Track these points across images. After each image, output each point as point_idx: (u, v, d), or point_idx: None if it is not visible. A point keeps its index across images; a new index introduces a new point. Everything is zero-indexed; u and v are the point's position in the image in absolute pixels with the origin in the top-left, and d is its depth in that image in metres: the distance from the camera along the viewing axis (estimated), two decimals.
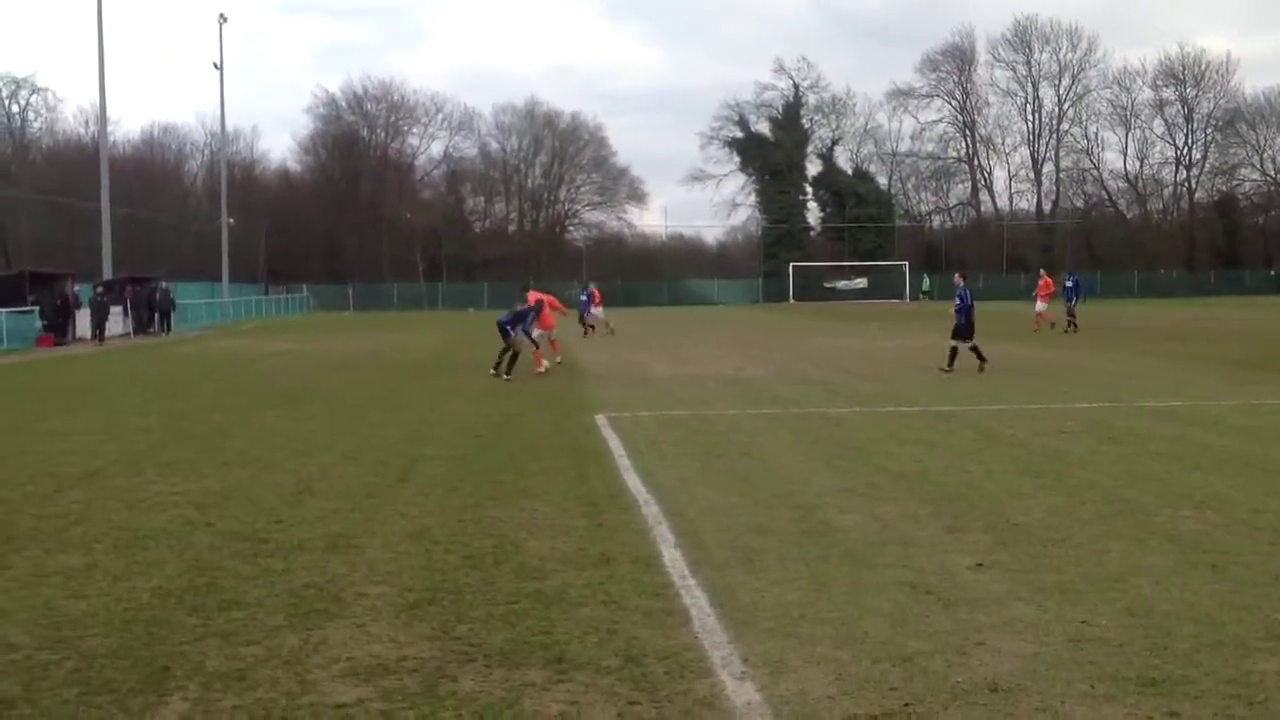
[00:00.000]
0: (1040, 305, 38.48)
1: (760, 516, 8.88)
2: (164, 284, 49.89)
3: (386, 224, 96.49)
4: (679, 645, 5.74)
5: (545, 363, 23.32)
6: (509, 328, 22.50)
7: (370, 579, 7.12)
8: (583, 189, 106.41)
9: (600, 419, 15.31)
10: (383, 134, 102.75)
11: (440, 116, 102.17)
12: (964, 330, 22.14)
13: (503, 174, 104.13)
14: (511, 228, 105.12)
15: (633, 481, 10.51)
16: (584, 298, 40.44)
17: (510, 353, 22.36)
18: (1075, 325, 35.41)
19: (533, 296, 24.08)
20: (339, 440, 13.68)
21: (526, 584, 6.93)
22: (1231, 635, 5.76)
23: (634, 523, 8.72)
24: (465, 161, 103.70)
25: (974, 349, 21.99)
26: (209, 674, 5.46)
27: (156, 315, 46.80)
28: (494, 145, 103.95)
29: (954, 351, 22.08)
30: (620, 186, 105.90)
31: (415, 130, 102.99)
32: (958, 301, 22.33)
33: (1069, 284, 36.93)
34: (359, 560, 7.62)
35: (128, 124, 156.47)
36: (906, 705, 4.95)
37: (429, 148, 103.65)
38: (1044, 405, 16.27)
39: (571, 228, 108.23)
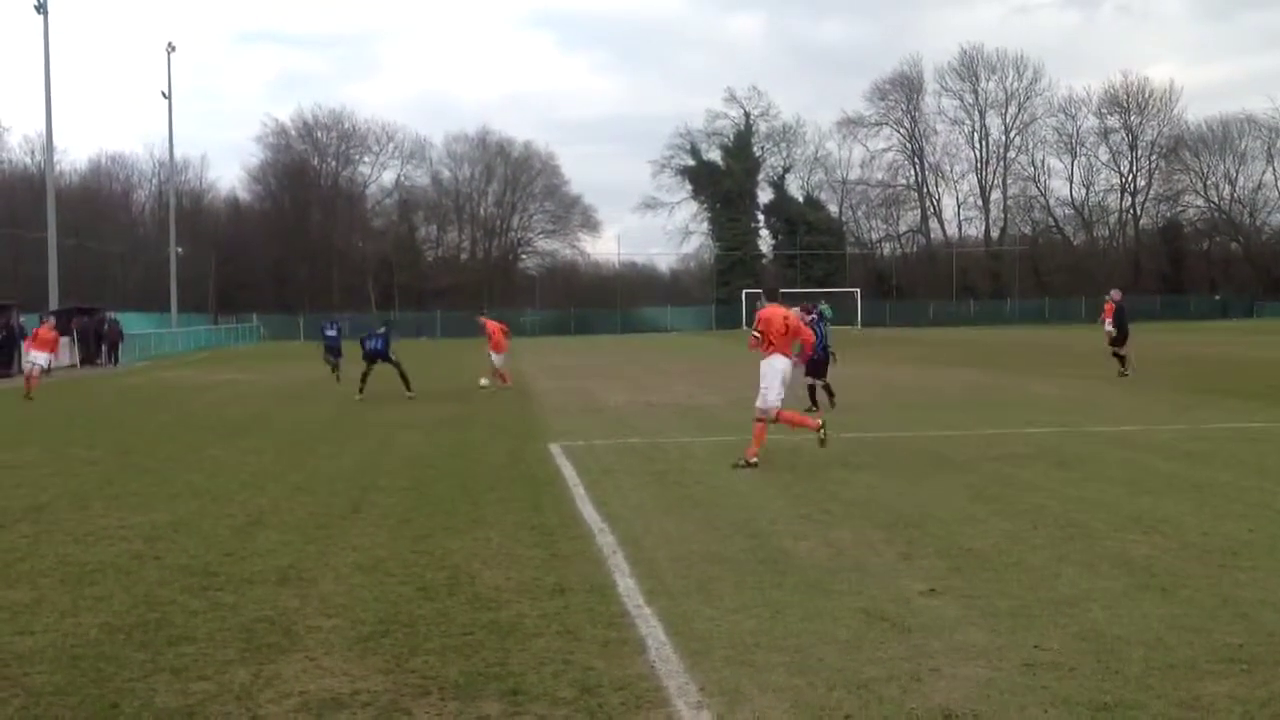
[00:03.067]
0: None
1: (715, 544, 8.87)
2: (111, 314, 49.33)
3: (337, 253, 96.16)
4: (635, 675, 5.72)
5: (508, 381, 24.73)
6: None
7: (323, 612, 7.05)
8: (535, 217, 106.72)
9: (554, 448, 15.27)
10: (333, 163, 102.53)
11: (392, 145, 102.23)
12: (818, 366, 19.89)
13: (455, 203, 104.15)
14: (464, 256, 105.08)
15: (587, 510, 10.48)
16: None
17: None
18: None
19: (491, 325, 25.13)
20: (290, 472, 13.55)
21: (481, 615, 6.89)
22: (1182, 658, 5.82)
23: (589, 552, 8.69)
24: (417, 190, 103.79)
25: (825, 387, 20.04)
26: (158, 710, 5.38)
27: (104, 346, 46.23)
28: (446, 174, 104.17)
29: (818, 390, 20.00)
30: (573, 215, 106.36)
31: (366, 159, 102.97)
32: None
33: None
34: (311, 593, 7.54)
35: (75, 153, 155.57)
36: None
37: (380, 176, 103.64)
38: (995, 430, 16.41)
39: (524, 256, 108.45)
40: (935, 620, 6.61)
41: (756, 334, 13.94)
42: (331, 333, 31.90)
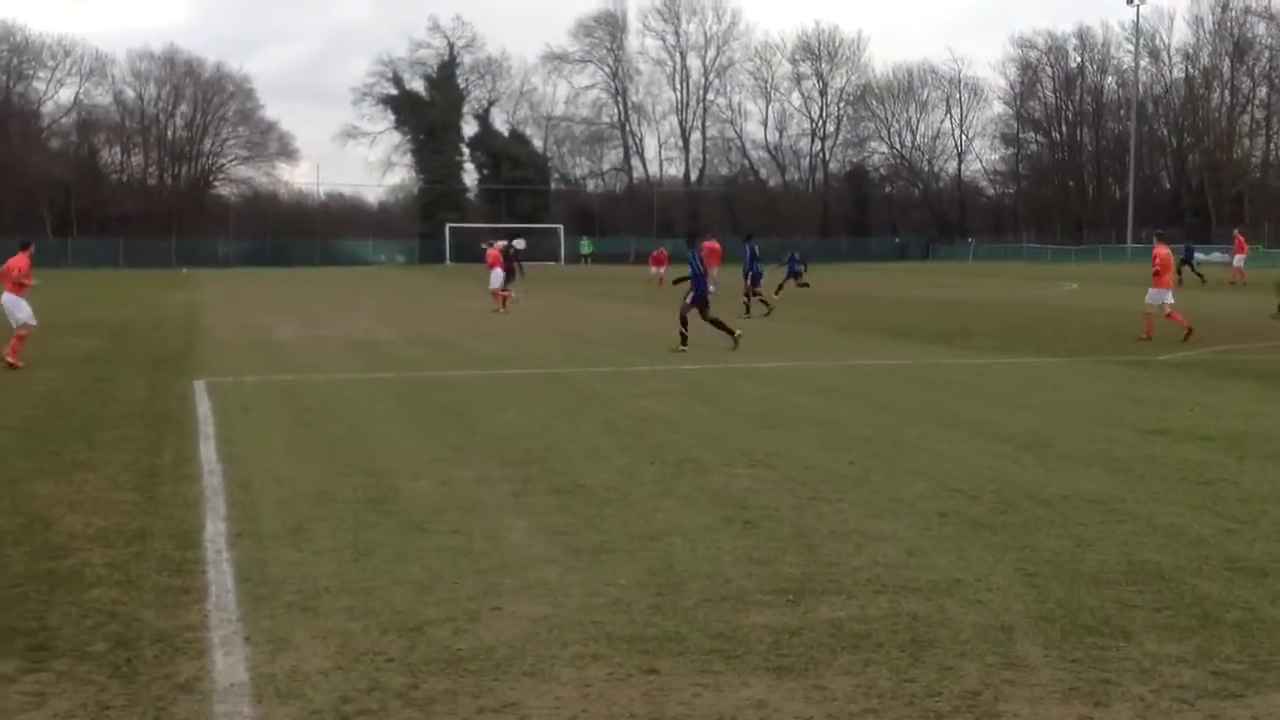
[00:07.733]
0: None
1: (330, 484, 8.64)
2: None
3: (10, 174, 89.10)
4: (183, 625, 5.46)
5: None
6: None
7: None
8: (229, 143, 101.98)
9: (199, 384, 14.58)
10: (3, 77, 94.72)
11: (69, 61, 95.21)
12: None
13: (141, 124, 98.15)
14: (152, 181, 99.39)
15: (207, 451, 10.04)
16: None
17: None
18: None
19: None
20: None
21: (40, 564, 6.46)
22: (735, 591, 5.99)
23: (190, 495, 8.31)
24: (98, 110, 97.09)
25: None
26: None
27: None
28: (130, 94, 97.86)
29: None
30: (269, 141, 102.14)
31: (41, 74, 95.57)
32: None
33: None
34: None
35: None
36: (404, 678, 4.87)
37: (57, 94, 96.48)
38: (650, 367, 16.70)
39: (217, 183, 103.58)
40: (517, 558, 6.61)
41: None
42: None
